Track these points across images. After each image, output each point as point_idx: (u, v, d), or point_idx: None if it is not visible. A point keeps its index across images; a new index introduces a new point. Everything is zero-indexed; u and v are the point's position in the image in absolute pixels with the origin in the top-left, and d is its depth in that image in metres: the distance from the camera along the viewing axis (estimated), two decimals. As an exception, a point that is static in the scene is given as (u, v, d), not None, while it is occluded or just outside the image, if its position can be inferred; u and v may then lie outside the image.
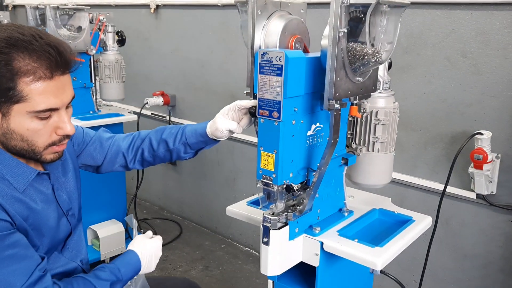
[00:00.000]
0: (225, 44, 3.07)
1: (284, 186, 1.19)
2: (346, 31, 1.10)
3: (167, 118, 3.55)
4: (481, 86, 2.05)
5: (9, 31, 1.05)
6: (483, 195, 2.08)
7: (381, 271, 1.39)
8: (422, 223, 1.40)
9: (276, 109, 1.12)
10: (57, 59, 1.06)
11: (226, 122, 1.35)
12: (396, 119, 1.40)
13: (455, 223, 2.23)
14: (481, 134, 1.97)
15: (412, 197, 2.35)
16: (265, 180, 1.19)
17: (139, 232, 1.45)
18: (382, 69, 1.37)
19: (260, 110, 1.15)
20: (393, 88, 1.42)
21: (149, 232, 1.43)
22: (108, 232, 2.95)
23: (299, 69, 1.13)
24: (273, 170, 1.16)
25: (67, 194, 1.32)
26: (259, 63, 1.13)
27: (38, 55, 1.04)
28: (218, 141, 1.42)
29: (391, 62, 1.42)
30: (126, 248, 1.37)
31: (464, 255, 2.24)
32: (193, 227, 3.63)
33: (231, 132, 1.37)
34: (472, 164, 2.02)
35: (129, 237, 3.11)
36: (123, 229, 3.02)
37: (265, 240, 1.19)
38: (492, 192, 2.06)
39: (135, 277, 1.35)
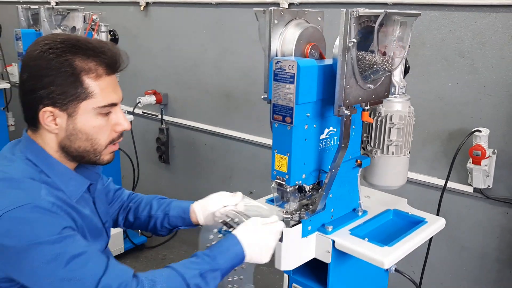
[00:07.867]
0: (219, 42, 3.04)
1: (297, 186, 1.26)
2: (355, 41, 1.14)
3: (159, 116, 3.52)
4: (478, 85, 2.09)
5: (65, 35, 1.14)
6: (480, 189, 2.15)
7: (396, 270, 1.43)
8: (434, 225, 1.43)
9: (289, 115, 1.18)
10: (112, 58, 1.14)
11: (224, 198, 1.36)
12: (412, 123, 1.43)
13: (453, 216, 2.28)
14: (480, 131, 2.04)
15: (411, 192, 2.40)
16: (279, 181, 1.26)
17: None
18: (398, 74, 1.40)
19: (274, 115, 1.22)
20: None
21: (269, 217, 1.23)
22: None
23: (311, 76, 1.19)
24: (286, 172, 1.23)
25: (104, 207, 1.36)
26: (274, 71, 1.19)
27: (96, 55, 1.11)
28: (195, 226, 1.41)
29: (408, 66, 1.44)
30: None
31: (461, 246, 2.30)
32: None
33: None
34: (470, 160, 2.09)
35: (127, 237, 3.10)
36: (122, 229, 3.01)
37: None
38: (489, 186, 2.13)
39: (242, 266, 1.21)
